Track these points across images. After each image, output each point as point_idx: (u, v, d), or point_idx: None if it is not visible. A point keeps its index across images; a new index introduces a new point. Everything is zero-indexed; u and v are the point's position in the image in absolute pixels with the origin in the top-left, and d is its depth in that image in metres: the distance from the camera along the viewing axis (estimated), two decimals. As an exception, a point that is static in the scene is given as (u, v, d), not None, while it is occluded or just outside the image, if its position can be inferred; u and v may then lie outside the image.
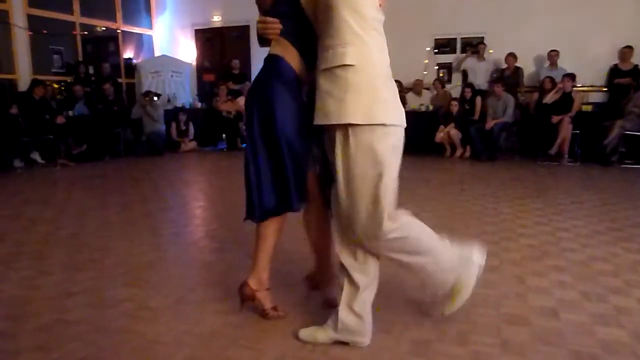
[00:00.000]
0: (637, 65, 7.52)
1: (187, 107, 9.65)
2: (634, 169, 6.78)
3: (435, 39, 8.94)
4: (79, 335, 2.09)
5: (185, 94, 10.30)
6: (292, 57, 1.95)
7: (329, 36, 1.71)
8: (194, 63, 10.95)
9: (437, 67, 9.00)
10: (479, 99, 7.82)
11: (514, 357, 1.88)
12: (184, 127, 8.91)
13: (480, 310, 2.29)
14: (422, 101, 8.48)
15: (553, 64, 7.89)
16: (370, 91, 1.66)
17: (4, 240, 3.50)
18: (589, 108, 7.65)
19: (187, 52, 10.95)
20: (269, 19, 1.96)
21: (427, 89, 8.68)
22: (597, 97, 7.95)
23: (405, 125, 1.78)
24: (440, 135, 7.89)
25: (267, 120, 1.95)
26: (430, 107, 8.41)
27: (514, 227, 3.69)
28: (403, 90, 8.57)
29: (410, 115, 8.23)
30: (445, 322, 2.16)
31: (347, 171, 1.74)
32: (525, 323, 2.16)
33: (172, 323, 2.20)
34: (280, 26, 1.96)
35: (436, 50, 8.96)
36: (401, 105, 1.79)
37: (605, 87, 7.91)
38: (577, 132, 7.19)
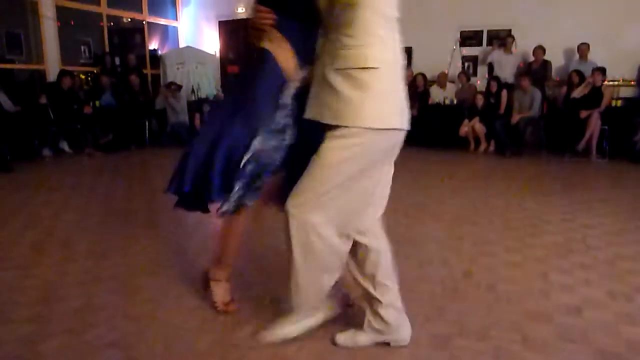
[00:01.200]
0: (670, 60, 7.28)
1: (211, 98, 9.72)
2: (664, 166, 6.59)
3: (461, 31, 8.79)
4: (107, 320, 2.15)
5: (209, 86, 10.38)
6: (283, 55, 1.86)
7: (348, 35, 1.63)
8: (218, 55, 11.02)
9: (462, 60, 8.86)
10: (504, 93, 7.68)
11: (535, 354, 1.87)
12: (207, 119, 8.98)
13: (503, 306, 2.27)
14: (447, 94, 8.37)
15: (583, 57, 7.69)
16: (387, 95, 1.64)
17: (34, 226, 3.61)
18: (619, 103, 7.45)
19: (212, 43, 11.02)
20: (263, 7, 1.87)
21: (452, 81, 8.56)
22: (627, 92, 7.73)
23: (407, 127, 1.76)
24: (464, 129, 7.79)
25: (239, 115, 1.89)
26: (455, 100, 8.30)
27: (539, 224, 3.64)
28: (427, 84, 8.48)
29: (434, 109, 8.06)
30: (467, 317, 2.15)
31: (330, 166, 1.69)
32: (548, 320, 2.13)
33: (197, 310, 2.24)
34: (273, 16, 1.86)
35: (462, 43, 8.81)
36: (406, 107, 1.75)
37: (636, 81, 7.68)
38: (606, 127, 7.02)
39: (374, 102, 1.61)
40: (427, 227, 3.57)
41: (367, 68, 1.60)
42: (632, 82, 7.70)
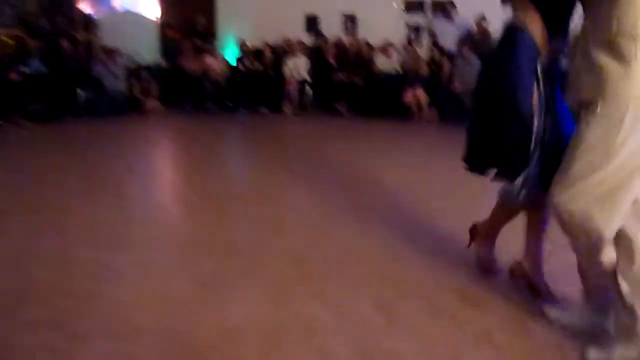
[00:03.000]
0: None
1: (150, 65, 9.31)
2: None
3: (405, 0, 8.83)
4: (43, 298, 2.06)
5: (149, 51, 9.93)
6: (534, 25, 1.80)
7: (615, 5, 1.53)
8: (157, 19, 10.52)
9: (406, 29, 8.93)
10: (446, 61, 7.83)
11: (472, 310, 1.97)
12: (147, 86, 8.62)
13: (443, 268, 2.36)
14: (391, 62, 8.43)
15: (520, 28, 7.94)
16: None
17: (-42, 202, 3.38)
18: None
19: (150, 7, 10.49)
20: None
21: (397, 50, 8.62)
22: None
23: None
24: (408, 98, 7.91)
25: (499, 95, 1.87)
26: (399, 69, 8.38)
27: (481, 189, 3.77)
28: (372, 52, 8.50)
29: (379, 77, 8.04)
30: (408, 282, 2.23)
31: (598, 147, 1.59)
32: (484, 277, 2.24)
33: (138, 285, 2.19)
34: None
35: (406, 11, 8.86)
36: None
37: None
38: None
39: (638, 73, 1.52)
40: (370, 196, 3.64)
41: (634, 36, 1.51)
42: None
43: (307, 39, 9.25)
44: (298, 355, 1.70)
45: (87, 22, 9.81)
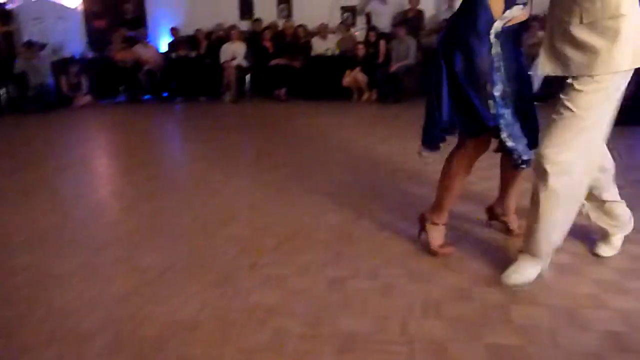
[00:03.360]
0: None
1: (77, 57, 8.83)
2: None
3: (339, -19, 8.82)
4: (-23, 310, 1.94)
5: (74, 43, 9.39)
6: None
7: None
8: (81, 7, 9.95)
9: (341, 10, 8.94)
10: (382, 42, 7.92)
11: (419, 284, 2.04)
12: (75, 80, 8.17)
13: (391, 246, 2.42)
14: (328, 45, 8.44)
15: (450, 7, 8.13)
16: (636, 35, 1.70)
17: None
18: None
19: (71, -5, 9.89)
20: None
21: (333, 32, 8.62)
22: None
23: None
24: (347, 80, 7.96)
25: (454, 68, 1.99)
26: (337, 51, 8.40)
27: (421, 165, 3.87)
28: (308, 35, 8.46)
29: (317, 60, 8.00)
30: (359, 260, 2.27)
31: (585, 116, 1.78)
32: (431, 252, 2.32)
33: (81, 287, 2.11)
34: None
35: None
36: None
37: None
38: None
39: (624, 45, 1.68)
40: (314, 178, 3.66)
41: (619, 15, 1.66)
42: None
43: (243, 25, 9.08)
44: (252, 339, 1.70)
45: (2, 14, 9.14)
